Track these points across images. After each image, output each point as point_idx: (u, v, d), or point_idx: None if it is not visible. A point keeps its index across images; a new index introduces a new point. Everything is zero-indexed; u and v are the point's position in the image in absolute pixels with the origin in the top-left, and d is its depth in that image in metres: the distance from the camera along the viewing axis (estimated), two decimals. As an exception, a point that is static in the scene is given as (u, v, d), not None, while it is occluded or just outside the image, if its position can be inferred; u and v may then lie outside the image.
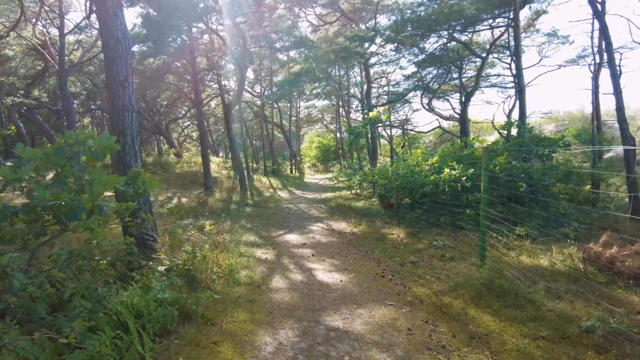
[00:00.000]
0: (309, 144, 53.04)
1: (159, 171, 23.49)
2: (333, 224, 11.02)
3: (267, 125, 35.18)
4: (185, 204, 14.08)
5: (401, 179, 10.55)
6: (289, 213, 13.42)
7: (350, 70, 33.19)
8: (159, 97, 35.65)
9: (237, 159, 18.83)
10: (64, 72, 16.08)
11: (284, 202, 16.52)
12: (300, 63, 19.74)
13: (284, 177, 29.19)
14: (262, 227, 10.57)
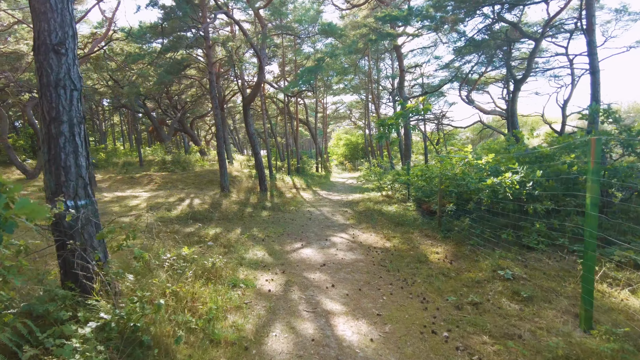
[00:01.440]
0: (337, 142, 51.22)
1: (178, 170, 22.35)
2: (360, 234, 9.19)
3: (292, 121, 33.62)
4: (196, 207, 12.60)
5: (448, 182, 8.58)
6: (310, 219, 11.68)
7: (381, 62, 31.10)
8: (183, 94, 34.86)
9: (257, 156, 17.27)
10: (71, 63, 14.93)
11: (306, 205, 14.80)
12: (327, 55, 17.95)
13: (308, 176, 27.52)
14: (275, 238, 8.87)
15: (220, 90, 28.07)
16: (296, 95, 31.16)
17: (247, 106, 16.50)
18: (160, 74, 21.64)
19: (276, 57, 29.73)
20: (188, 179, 19.57)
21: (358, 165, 44.79)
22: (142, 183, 18.66)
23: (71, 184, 3.69)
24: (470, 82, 23.27)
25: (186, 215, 11.18)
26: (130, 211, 11.71)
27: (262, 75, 15.72)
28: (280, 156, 36.72)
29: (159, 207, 12.36)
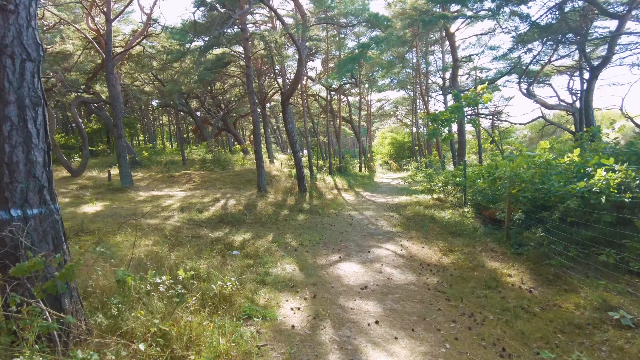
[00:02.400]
0: (381, 140, 49.50)
1: (218, 169, 21.88)
2: (410, 246, 7.83)
3: (335, 119, 32.47)
4: (229, 208, 11.76)
5: (523, 186, 7.03)
6: (351, 224, 10.44)
7: (430, 56, 29.18)
8: (227, 93, 34.77)
9: (295, 155, 16.28)
10: (110, 60, 14.69)
11: (347, 208, 13.57)
12: (372, 40, 16.59)
13: (351, 176, 26.24)
14: (310, 247, 7.72)
15: (262, 89, 27.47)
16: (339, 92, 29.99)
17: (286, 102, 15.52)
18: (201, 72, 21.28)
19: (319, 53, 28.72)
20: (227, 178, 18.96)
21: (404, 165, 42.87)
22: (181, 182, 18.25)
23: (19, 186, 2.72)
24: (530, 73, 21.00)
25: (217, 218, 10.32)
26: (161, 212, 11.04)
27: (301, 68, 14.68)
28: (322, 155, 35.69)
29: (191, 207, 11.63)
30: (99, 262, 4.79)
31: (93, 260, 4.68)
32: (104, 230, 7.78)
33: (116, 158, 15.80)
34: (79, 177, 18.41)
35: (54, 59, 18.21)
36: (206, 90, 31.75)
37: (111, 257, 5.80)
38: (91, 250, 4.65)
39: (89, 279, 4.08)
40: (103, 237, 7.30)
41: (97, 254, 4.58)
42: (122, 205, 11.97)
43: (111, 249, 6.56)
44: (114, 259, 5.75)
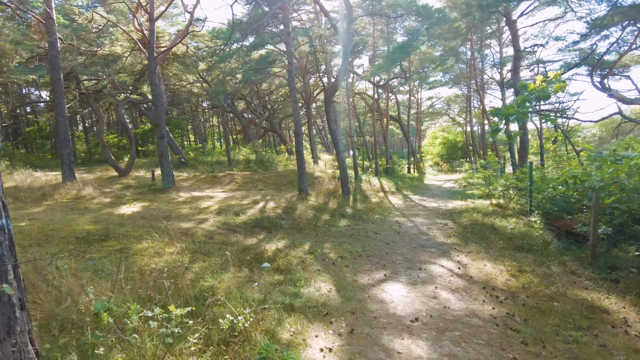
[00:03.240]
0: (432, 140, 47.29)
1: (260, 169, 21.46)
2: (469, 262, 6.64)
3: (382, 118, 31.18)
4: (267, 211, 11.07)
5: (618, 194, 5.66)
6: (399, 233, 9.34)
7: (486, 49, 27.11)
8: (274, 94, 34.59)
9: (339, 155, 15.37)
10: (152, 60, 14.56)
11: (395, 213, 12.44)
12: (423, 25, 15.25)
13: (399, 178, 24.88)
14: (350, 261, 6.76)
15: (307, 88, 26.83)
16: (386, 89, 28.70)
17: (329, 99, 14.64)
18: (245, 72, 20.97)
19: (366, 50, 27.61)
20: (269, 179, 18.43)
21: (456, 167, 40.60)
22: (223, 182, 17.94)
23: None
24: (605, 64, 18.65)
25: (253, 222, 9.63)
26: (197, 214, 10.55)
27: (345, 63, 13.74)
28: (368, 156, 34.50)
29: (229, 210, 11.06)
30: (96, 279, 4.12)
31: (89, 278, 4.02)
32: (131, 235, 7.29)
33: (159, 158, 15.68)
34: (126, 176, 18.63)
35: (104, 61, 18.55)
36: (252, 90, 31.70)
37: (127, 269, 5.20)
38: (82, 268, 3.99)
39: (78, 304, 3.39)
40: (128, 243, 6.78)
41: (91, 269, 3.90)
42: (160, 207, 11.65)
43: (132, 257, 5.99)
44: (130, 270, 5.15)
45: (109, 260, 5.74)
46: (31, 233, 6.72)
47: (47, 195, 11.91)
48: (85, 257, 5.77)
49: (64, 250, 5.92)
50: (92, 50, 17.28)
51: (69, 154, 14.23)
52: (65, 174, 14.13)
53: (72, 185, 13.27)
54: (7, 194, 11.52)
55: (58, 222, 7.96)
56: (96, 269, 4.89)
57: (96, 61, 18.42)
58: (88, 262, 3.65)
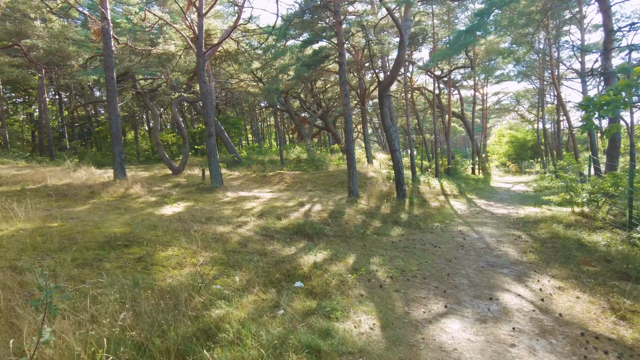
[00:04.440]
0: (498, 139, 43.94)
1: (311, 169, 20.64)
2: (554, 292, 5.18)
3: (444, 115, 29.12)
4: (312, 215, 10.11)
5: None
6: (462, 246, 7.94)
7: (564, 36, 24.14)
8: (328, 92, 33.80)
9: (394, 154, 14.07)
10: (201, 56, 14.21)
11: (457, 221, 10.95)
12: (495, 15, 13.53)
13: (462, 180, 22.89)
14: (402, 283, 5.57)
15: (362, 84, 25.64)
16: (448, 84, 26.68)
17: (383, 92, 13.39)
18: (298, 69, 20.27)
19: (426, 42, 25.83)
20: (319, 179, 17.52)
21: (525, 168, 37.20)
22: (272, 182, 17.32)
23: None
24: None
25: (294, 228, 8.72)
26: (239, 216, 9.84)
27: (402, 52, 12.41)
28: (427, 156, 32.52)
29: (272, 212, 10.25)
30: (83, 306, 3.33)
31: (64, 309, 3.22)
32: (158, 241, 6.64)
33: (207, 157, 15.36)
34: (179, 175, 18.66)
35: (158, 60, 18.70)
36: (306, 88, 31.09)
37: (136, 284, 4.46)
38: (63, 296, 3.16)
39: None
40: (152, 250, 6.13)
41: (58, 296, 3.08)
42: (203, 207, 11.13)
43: (150, 268, 5.29)
44: (140, 286, 4.40)
45: (123, 271, 5.07)
46: (58, 235, 6.29)
47: (95, 193, 11.87)
48: (100, 267, 5.16)
49: (79, 258, 5.35)
50: (146, 50, 17.42)
51: (120, 151, 14.28)
52: (117, 172, 14.20)
53: (121, 184, 13.24)
54: (59, 192, 11.64)
55: (91, 223, 7.57)
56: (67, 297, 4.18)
57: (151, 60, 18.60)
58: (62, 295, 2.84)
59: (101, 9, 13.71)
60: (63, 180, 13.22)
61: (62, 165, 17.91)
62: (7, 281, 3.86)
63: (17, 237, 6.03)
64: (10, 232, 6.29)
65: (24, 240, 5.91)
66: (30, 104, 29.11)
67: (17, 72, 18.09)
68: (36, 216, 7.73)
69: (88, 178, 14.36)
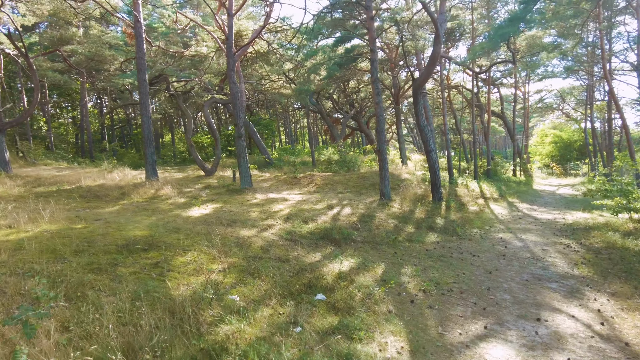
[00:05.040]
0: (541, 139, 41.74)
1: (342, 171, 20.17)
2: (616, 314, 4.48)
3: (483, 114, 27.86)
4: (341, 219, 9.67)
5: None
6: (504, 256, 7.24)
7: (618, 27, 22.39)
8: (361, 92, 33.21)
9: (429, 155, 13.38)
10: (231, 57, 14.10)
11: (498, 227, 10.17)
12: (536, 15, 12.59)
13: (502, 182, 21.70)
14: (436, 297, 5.03)
15: (396, 82, 24.92)
16: (488, 82, 25.46)
17: (418, 90, 12.74)
18: (330, 68, 19.89)
19: (463, 39, 24.75)
20: (350, 181, 17.02)
21: (571, 169, 35.04)
22: (302, 184, 17.00)
23: None
24: None
25: (321, 232, 8.31)
26: (266, 219, 9.54)
27: (438, 47, 11.72)
28: (465, 157, 31.25)
29: (299, 215, 9.90)
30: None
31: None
32: (179, 245, 6.41)
33: (236, 158, 15.24)
34: (211, 176, 18.71)
35: (191, 62, 18.85)
36: (338, 88, 30.64)
37: (147, 293, 4.20)
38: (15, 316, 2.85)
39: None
40: (171, 255, 5.89)
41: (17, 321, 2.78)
42: (231, 209, 10.92)
43: (166, 274, 5.03)
44: (151, 295, 4.13)
45: (137, 277, 4.84)
46: (79, 238, 6.20)
47: (126, 195, 11.96)
48: (115, 273, 4.96)
49: (94, 262, 5.17)
50: (179, 52, 17.57)
51: (152, 153, 14.41)
52: (148, 173, 14.33)
53: (152, 185, 13.31)
54: (91, 193, 11.81)
55: (115, 226, 7.48)
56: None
57: (184, 63, 18.77)
58: (36, 313, 2.54)
59: (134, 12, 13.88)
60: (97, 182, 13.45)
61: (100, 167, 18.39)
62: (8, 289, 3.67)
63: (40, 239, 5.96)
64: (34, 234, 6.24)
65: (45, 242, 5.82)
66: (74, 108, 30.37)
67: (60, 77, 18.75)
68: (63, 217, 7.73)
69: (121, 179, 14.57)
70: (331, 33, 18.77)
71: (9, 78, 23.56)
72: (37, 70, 15.70)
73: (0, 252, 5.18)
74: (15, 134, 20.12)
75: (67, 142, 30.57)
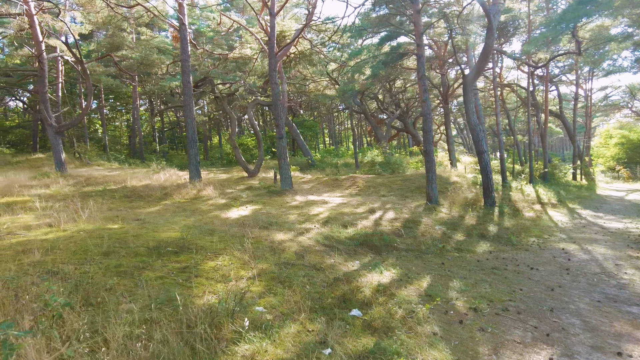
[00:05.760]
0: (605, 140, 38.53)
1: (386, 173, 19.48)
2: None
3: (539, 114, 26.01)
4: (383, 224, 9.11)
5: None
6: (568, 270, 6.38)
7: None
8: (406, 91, 32.26)
9: (481, 157, 12.45)
10: (273, 57, 13.94)
11: (558, 236, 9.15)
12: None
13: (561, 186, 20.04)
14: (489, 318, 4.38)
15: (445, 81, 23.86)
16: (545, 79, 23.70)
17: (468, 86, 11.89)
18: (374, 67, 19.32)
19: (518, 34, 23.21)
20: (394, 183, 16.32)
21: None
22: (343, 186, 16.53)
23: None
24: None
25: (361, 238, 7.81)
26: (303, 222, 9.19)
27: (490, 40, 10.85)
28: (520, 159, 29.37)
29: (338, 219, 9.46)
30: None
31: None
32: (210, 248, 6.17)
33: (277, 160, 15.06)
34: (253, 177, 18.73)
35: (235, 64, 18.97)
36: (384, 87, 29.88)
37: (170, 301, 3.93)
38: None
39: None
40: (201, 259, 5.65)
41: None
42: (269, 211, 10.68)
43: (193, 280, 4.76)
44: (173, 303, 3.86)
45: (162, 282, 4.60)
46: (112, 239, 6.13)
47: (168, 195, 12.09)
48: (141, 277, 4.76)
49: (122, 265, 5.01)
50: (224, 54, 17.72)
51: (195, 154, 14.55)
52: (192, 174, 14.48)
53: (195, 186, 13.40)
54: (135, 193, 12.04)
55: (151, 227, 7.41)
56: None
57: (229, 65, 18.93)
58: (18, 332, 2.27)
59: (179, 15, 14.09)
60: (142, 182, 13.75)
61: (149, 168, 18.97)
62: (23, 294, 3.51)
63: (75, 239, 5.94)
64: (71, 234, 6.25)
65: (79, 242, 5.78)
66: (128, 111, 31.84)
67: (112, 81, 19.56)
68: (101, 217, 7.78)
69: (166, 180, 14.83)
70: (376, 31, 18.20)
71: (70, 84, 25.05)
72: (91, 75, 16.44)
73: (35, 252, 5.16)
74: (73, 136, 21.26)
75: (120, 144, 32.12)
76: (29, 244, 5.50)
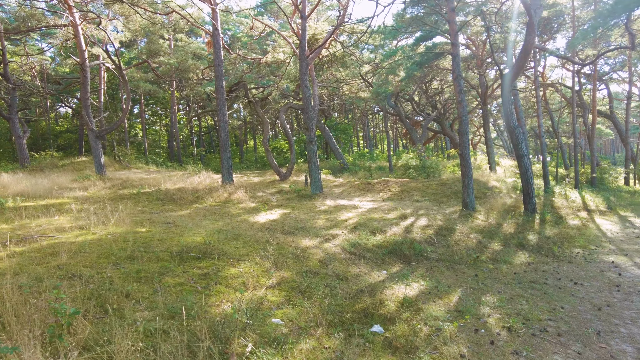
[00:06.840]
0: (661, 142, 35.73)
1: (420, 177, 18.92)
2: None
3: (586, 114, 24.47)
4: (414, 231, 8.74)
5: None
6: (618, 287, 5.80)
7: None
8: (443, 92, 31.39)
9: (521, 160, 11.78)
10: (304, 60, 13.86)
11: (607, 247, 8.43)
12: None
13: (611, 192, 18.70)
14: (524, 339, 3.99)
15: (483, 81, 22.92)
16: (593, 77, 22.26)
17: (506, 86, 11.27)
18: (408, 67, 18.85)
19: (563, 30, 21.98)
20: (428, 188, 15.80)
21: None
22: (375, 190, 16.19)
23: None
24: None
25: (390, 246, 7.51)
26: (331, 227, 8.99)
27: (531, 37, 10.21)
28: (564, 162, 27.77)
29: (367, 225, 9.18)
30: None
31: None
32: (233, 254, 6.09)
33: (307, 163, 14.94)
34: (285, 181, 18.74)
35: (268, 68, 19.08)
36: (420, 89, 29.18)
37: (187, 309, 3.84)
38: None
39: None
40: (222, 265, 5.57)
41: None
42: (298, 216, 10.57)
43: (213, 287, 4.68)
44: (191, 313, 3.77)
45: (180, 289, 4.54)
46: (137, 243, 6.18)
47: (200, 198, 12.23)
48: (160, 283, 4.72)
49: (143, 270, 5.01)
50: (257, 59, 17.86)
51: (228, 157, 14.70)
52: (224, 177, 14.63)
53: (226, 189, 13.51)
54: (168, 196, 12.27)
55: (178, 230, 7.45)
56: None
57: (262, 69, 19.06)
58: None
59: (212, 20, 14.30)
60: (176, 185, 14.02)
61: (185, 171, 19.41)
62: (33, 298, 3.51)
63: (102, 242, 6.02)
64: (99, 237, 6.35)
65: (106, 245, 5.85)
66: (166, 115, 32.92)
67: (150, 86, 20.20)
68: (130, 220, 7.90)
69: (199, 183, 15.05)
70: (412, 31, 17.76)
71: (112, 90, 26.17)
72: (130, 81, 17.06)
73: (62, 255, 5.26)
74: (114, 140, 22.13)
75: (160, 147, 33.20)
76: (58, 247, 5.62)
